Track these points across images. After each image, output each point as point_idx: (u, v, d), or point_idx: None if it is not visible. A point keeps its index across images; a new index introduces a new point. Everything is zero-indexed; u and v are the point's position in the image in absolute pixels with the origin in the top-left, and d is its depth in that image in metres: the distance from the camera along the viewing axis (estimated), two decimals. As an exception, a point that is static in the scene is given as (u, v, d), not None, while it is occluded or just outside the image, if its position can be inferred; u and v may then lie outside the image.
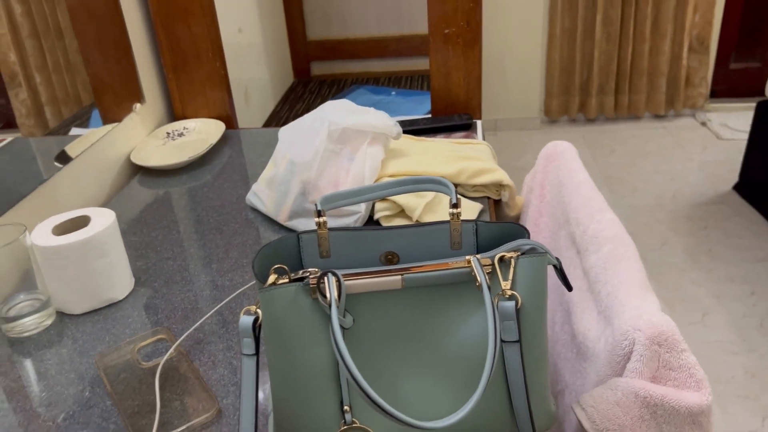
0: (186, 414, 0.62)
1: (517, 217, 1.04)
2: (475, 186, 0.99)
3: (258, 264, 0.55)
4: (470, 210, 0.94)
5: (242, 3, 1.82)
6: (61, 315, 0.79)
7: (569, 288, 0.55)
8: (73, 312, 0.78)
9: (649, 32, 2.96)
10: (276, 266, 0.53)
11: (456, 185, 0.99)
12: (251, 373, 0.52)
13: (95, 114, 1.12)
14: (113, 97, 1.16)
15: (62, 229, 0.78)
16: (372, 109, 1.00)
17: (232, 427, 0.61)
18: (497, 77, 3.11)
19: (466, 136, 1.21)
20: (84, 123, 1.08)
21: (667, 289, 1.99)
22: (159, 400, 0.63)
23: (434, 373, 0.54)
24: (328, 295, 0.50)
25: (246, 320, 0.52)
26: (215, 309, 0.77)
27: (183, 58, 1.27)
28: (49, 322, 0.77)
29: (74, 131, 1.06)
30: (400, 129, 0.99)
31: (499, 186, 0.99)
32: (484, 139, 1.21)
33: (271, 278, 0.52)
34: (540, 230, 0.96)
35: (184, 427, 0.60)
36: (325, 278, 0.50)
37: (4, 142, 0.89)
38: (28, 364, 0.71)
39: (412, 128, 1.21)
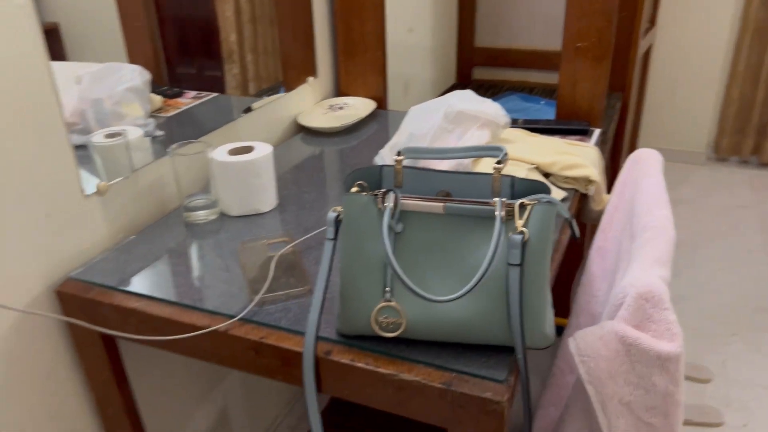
0: (288, 286, 0.86)
1: (602, 212, 1.16)
2: (566, 178, 1.13)
3: (348, 180, 0.77)
4: (555, 195, 1.08)
5: (417, 6, 2.08)
6: (221, 215, 1.08)
7: (574, 236, 0.70)
8: (230, 213, 1.07)
9: None
10: (358, 182, 0.75)
11: (548, 174, 1.13)
12: (329, 252, 0.74)
13: (282, 90, 1.42)
14: (295, 71, 1.46)
15: (235, 152, 1.07)
16: (489, 100, 1.18)
17: (316, 302, 0.83)
18: (666, 106, 3.07)
19: (580, 140, 1.34)
20: (273, 94, 1.38)
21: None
22: (271, 274, 0.88)
23: (454, 278, 0.71)
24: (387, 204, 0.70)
25: (332, 215, 0.74)
26: (323, 228, 1.01)
27: (353, 45, 1.54)
28: (213, 217, 1.07)
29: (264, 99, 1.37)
30: (508, 119, 1.16)
31: (588, 181, 1.12)
32: (597, 146, 1.33)
33: (354, 189, 0.74)
34: (613, 224, 1.07)
35: (283, 293, 0.84)
36: (388, 194, 0.71)
37: (210, 96, 1.21)
38: (198, 242, 1.00)
39: (531, 126, 1.36)
